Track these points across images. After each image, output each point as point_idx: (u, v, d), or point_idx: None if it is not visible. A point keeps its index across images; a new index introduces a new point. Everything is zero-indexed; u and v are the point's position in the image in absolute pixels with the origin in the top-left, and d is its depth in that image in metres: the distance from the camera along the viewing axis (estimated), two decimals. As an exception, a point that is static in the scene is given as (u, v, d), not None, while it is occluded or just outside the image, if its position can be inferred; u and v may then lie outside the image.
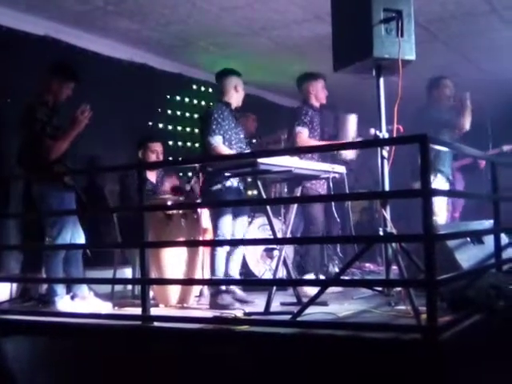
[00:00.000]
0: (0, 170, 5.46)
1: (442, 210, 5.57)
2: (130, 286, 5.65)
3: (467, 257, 4.15)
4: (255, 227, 5.84)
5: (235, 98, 4.78)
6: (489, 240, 4.29)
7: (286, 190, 5.77)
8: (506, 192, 4.40)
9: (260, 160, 3.90)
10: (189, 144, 7.58)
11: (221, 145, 4.53)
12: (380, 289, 3.87)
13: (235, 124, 4.73)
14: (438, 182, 5.57)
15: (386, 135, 3.81)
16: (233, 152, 4.60)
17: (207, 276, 4.80)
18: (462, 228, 4.74)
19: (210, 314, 3.99)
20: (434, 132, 4.52)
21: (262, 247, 5.78)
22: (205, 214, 4.92)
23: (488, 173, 4.69)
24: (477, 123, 5.95)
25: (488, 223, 4.38)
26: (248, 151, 4.84)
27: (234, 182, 4.61)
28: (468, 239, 4.34)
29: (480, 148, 4.56)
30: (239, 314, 3.86)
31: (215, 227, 4.53)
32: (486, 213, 4.30)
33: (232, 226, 4.61)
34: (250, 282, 5.35)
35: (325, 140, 5.37)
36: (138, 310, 3.83)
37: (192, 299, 4.76)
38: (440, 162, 5.58)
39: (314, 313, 3.55)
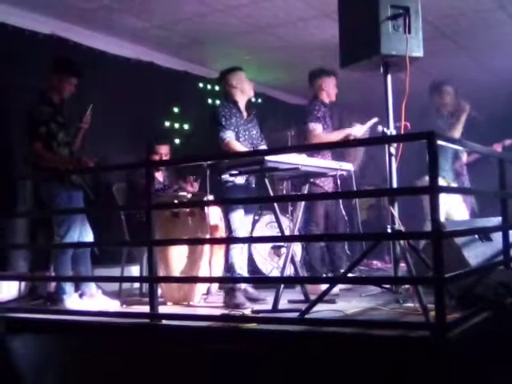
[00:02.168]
0: (8, 170, 5.48)
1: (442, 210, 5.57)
2: (137, 284, 5.67)
3: (475, 254, 4.14)
4: (263, 225, 5.83)
5: (239, 94, 4.72)
6: (497, 237, 4.28)
7: (290, 187, 5.75)
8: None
9: (267, 157, 3.90)
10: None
11: (233, 139, 4.52)
12: (388, 286, 3.86)
13: (245, 121, 4.71)
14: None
15: (394, 132, 3.81)
16: (244, 148, 4.60)
17: (214, 274, 4.81)
18: (469, 225, 4.73)
19: (218, 311, 3.99)
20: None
21: (270, 245, 5.78)
22: (214, 211, 4.93)
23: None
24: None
25: (496, 220, 4.36)
26: (263, 146, 4.81)
27: (242, 179, 4.59)
28: (476, 236, 4.32)
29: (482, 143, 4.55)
30: (247, 311, 3.86)
31: (228, 223, 4.52)
32: (497, 210, 4.27)
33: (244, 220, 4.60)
34: (258, 279, 5.35)
35: None
36: (145, 308, 3.84)
37: (199, 297, 4.76)
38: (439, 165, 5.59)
39: (321, 310, 3.55)
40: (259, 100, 8.28)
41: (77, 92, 4.82)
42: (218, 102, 4.75)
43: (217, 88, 7.68)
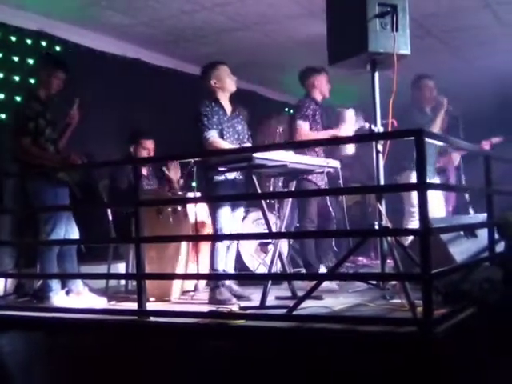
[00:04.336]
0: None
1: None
2: (123, 281, 5.66)
3: (460, 250, 4.18)
4: (249, 221, 5.85)
5: (220, 91, 4.69)
6: (482, 233, 4.32)
7: (280, 184, 5.76)
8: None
9: (255, 154, 3.90)
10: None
11: (217, 138, 4.51)
12: (375, 282, 3.88)
13: (229, 117, 4.69)
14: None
15: (381, 129, 3.83)
16: (228, 145, 4.59)
17: (201, 271, 4.82)
18: (454, 222, 4.76)
19: (206, 308, 3.99)
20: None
21: (257, 242, 5.79)
22: (201, 208, 4.93)
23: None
24: (466, 117, 5.99)
25: (482, 217, 4.40)
26: (248, 144, 4.80)
27: (231, 175, 4.58)
28: (461, 233, 4.36)
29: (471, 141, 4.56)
30: (235, 308, 3.87)
31: (214, 220, 4.53)
32: (481, 206, 4.31)
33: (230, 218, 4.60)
34: (245, 276, 5.36)
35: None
36: (132, 305, 3.84)
37: (177, 293, 4.76)
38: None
39: (309, 307, 3.57)
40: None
41: (64, 89, 4.80)
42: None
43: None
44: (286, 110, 8.95)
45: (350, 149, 5.28)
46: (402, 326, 2.98)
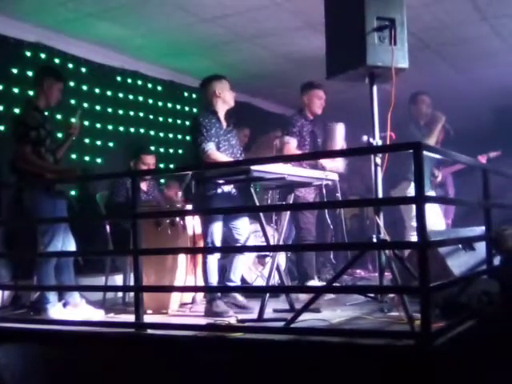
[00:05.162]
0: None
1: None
2: (120, 293, 5.64)
3: (458, 263, 4.18)
4: (247, 234, 5.82)
5: (220, 103, 4.72)
6: (480, 246, 4.32)
7: (277, 196, 5.76)
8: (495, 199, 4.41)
9: (253, 167, 3.91)
10: (180, 151, 7.61)
11: (215, 151, 4.52)
12: (373, 295, 3.88)
13: (225, 131, 4.71)
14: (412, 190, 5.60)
15: (380, 142, 3.83)
16: (226, 158, 4.60)
17: (190, 283, 4.82)
18: (452, 235, 4.76)
19: (203, 321, 3.98)
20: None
21: (254, 254, 5.77)
22: (199, 221, 4.92)
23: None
24: (463, 130, 6.00)
25: (479, 230, 4.40)
26: (242, 158, 4.82)
27: (226, 188, 4.59)
28: (459, 246, 4.36)
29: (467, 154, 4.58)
30: (233, 320, 3.86)
31: (205, 234, 4.53)
32: (478, 219, 4.32)
33: (228, 231, 4.60)
34: (243, 288, 5.34)
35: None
36: (130, 317, 3.82)
37: (175, 306, 4.75)
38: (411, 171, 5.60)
39: (307, 319, 3.55)
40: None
41: (62, 100, 4.82)
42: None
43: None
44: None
45: (339, 167, 5.26)
46: (400, 339, 2.97)
